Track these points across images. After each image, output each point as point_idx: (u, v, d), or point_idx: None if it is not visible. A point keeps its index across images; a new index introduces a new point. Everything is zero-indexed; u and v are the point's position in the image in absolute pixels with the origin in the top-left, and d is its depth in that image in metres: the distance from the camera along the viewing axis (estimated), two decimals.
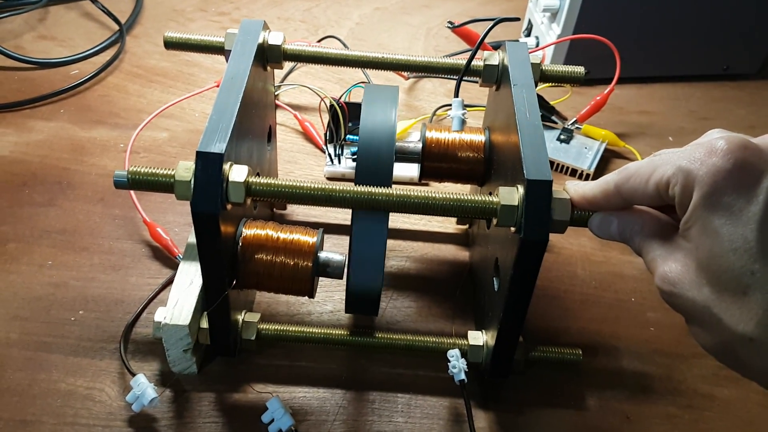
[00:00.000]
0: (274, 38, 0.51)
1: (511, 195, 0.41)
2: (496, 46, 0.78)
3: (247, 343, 0.51)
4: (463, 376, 0.49)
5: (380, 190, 0.42)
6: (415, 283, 0.59)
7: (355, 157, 0.66)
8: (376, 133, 0.46)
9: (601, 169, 0.71)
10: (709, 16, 0.78)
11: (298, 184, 0.41)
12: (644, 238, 0.39)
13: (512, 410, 0.51)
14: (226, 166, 0.41)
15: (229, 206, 0.41)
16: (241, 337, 0.50)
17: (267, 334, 0.51)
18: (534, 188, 0.40)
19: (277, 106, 0.72)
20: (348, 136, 0.66)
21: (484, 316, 0.52)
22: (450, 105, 0.61)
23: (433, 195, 0.42)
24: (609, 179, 0.40)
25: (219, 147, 0.40)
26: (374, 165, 0.45)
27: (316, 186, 0.41)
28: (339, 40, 0.80)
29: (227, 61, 0.51)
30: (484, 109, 0.75)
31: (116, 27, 0.82)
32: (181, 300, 0.49)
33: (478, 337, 0.52)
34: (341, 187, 0.42)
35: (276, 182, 0.41)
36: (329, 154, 0.66)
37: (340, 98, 0.64)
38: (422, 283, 0.59)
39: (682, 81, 0.84)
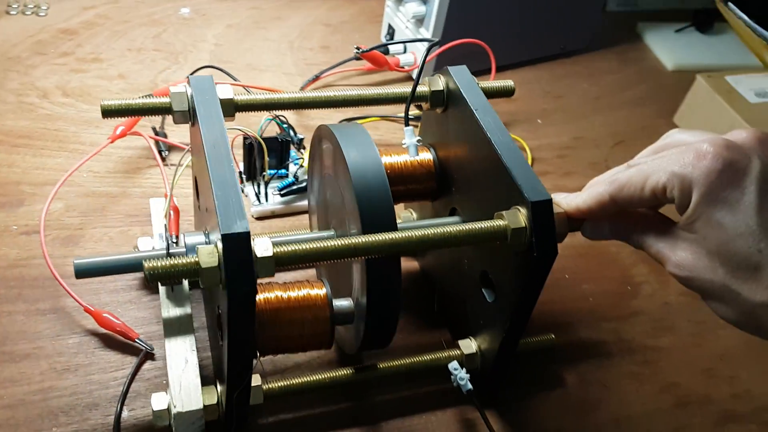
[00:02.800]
0: (224, 92, 0.48)
1: (517, 217, 0.44)
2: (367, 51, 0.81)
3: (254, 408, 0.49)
4: (470, 386, 0.51)
5: (400, 235, 0.42)
6: None
7: (283, 192, 0.65)
8: (368, 177, 0.46)
9: None
10: (546, 2, 0.86)
11: (322, 246, 0.40)
12: (642, 235, 0.44)
13: (510, 404, 0.55)
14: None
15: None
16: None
17: (273, 392, 0.49)
18: (538, 209, 0.44)
19: (178, 148, 0.67)
20: (268, 171, 0.64)
21: (472, 324, 0.55)
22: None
23: (448, 230, 0.43)
24: (602, 192, 0.44)
25: (243, 225, 0.38)
26: (377, 209, 0.45)
27: (340, 243, 0.41)
28: (221, 70, 0.76)
29: (174, 121, 0.47)
30: (377, 119, 0.77)
31: None
32: (184, 382, 0.46)
33: (470, 346, 0.54)
34: (363, 240, 0.41)
35: (300, 248, 0.40)
36: (256, 194, 0.64)
37: (261, 133, 0.62)
38: None
39: (529, 65, 0.92)
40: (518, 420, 0.55)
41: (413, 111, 0.77)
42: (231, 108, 0.48)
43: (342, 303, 0.47)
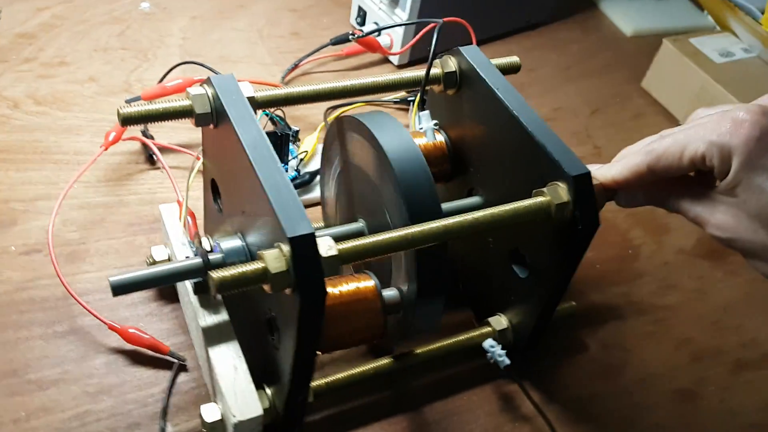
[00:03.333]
0: (247, 90, 0.46)
1: (558, 193, 0.45)
2: (339, 41, 0.80)
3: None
4: (508, 361, 0.52)
5: (454, 221, 0.42)
6: None
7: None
8: (409, 165, 0.45)
9: None
10: None
11: (382, 239, 0.40)
12: (678, 200, 0.45)
13: (542, 374, 0.57)
14: None
15: None
16: None
17: (321, 390, 0.49)
18: (580, 183, 0.44)
19: (171, 150, 0.65)
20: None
21: (499, 301, 0.55)
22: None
23: (495, 211, 0.44)
24: (638, 162, 0.45)
25: (307, 226, 0.37)
26: (423, 197, 0.45)
27: (398, 234, 0.40)
28: (201, 65, 0.73)
29: (196, 124, 0.45)
30: (362, 104, 0.76)
31: None
32: (238, 390, 0.44)
33: (501, 322, 0.55)
34: (419, 230, 0.41)
35: (361, 243, 0.40)
36: None
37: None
38: None
39: (499, 40, 0.93)
40: (552, 389, 0.56)
41: (399, 95, 0.78)
42: (253, 106, 0.47)
43: (389, 293, 0.46)
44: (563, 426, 0.53)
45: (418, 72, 0.53)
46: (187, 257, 0.49)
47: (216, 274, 0.36)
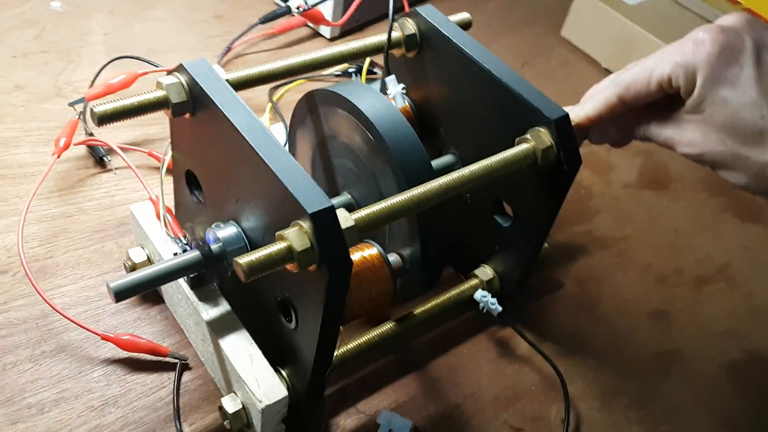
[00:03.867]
0: (222, 73, 0.45)
1: (541, 138, 0.46)
2: (268, 19, 0.78)
3: None
4: (500, 308, 0.54)
5: (454, 177, 0.43)
6: None
7: None
8: (395, 128, 0.46)
9: None
10: None
11: (392, 203, 0.40)
12: (647, 127, 0.47)
13: (529, 315, 0.59)
14: None
15: None
16: None
17: (335, 362, 0.49)
18: (561, 125, 0.46)
19: (124, 150, 0.62)
20: None
21: (482, 252, 0.57)
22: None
23: (488, 163, 0.45)
24: (608, 95, 0.47)
25: (324, 201, 0.37)
26: (414, 160, 0.46)
27: (406, 197, 0.41)
28: (136, 58, 0.69)
29: (174, 114, 0.44)
30: (302, 81, 0.76)
31: None
32: (258, 376, 0.44)
33: (486, 272, 0.57)
34: (424, 190, 0.42)
35: (374, 210, 0.40)
36: None
37: None
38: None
39: (419, 5, 0.93)
40: (541, 327, 0.58)
41: (340, 67, 0.77)
42: None
43: (392, 258, 0.47)
44: (558, 361, 0.55)
45: (379, 38, 0.53)
46: (175, 254, 0.48)
47: (243, 260, 0.35)
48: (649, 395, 0.56)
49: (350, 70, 0.76)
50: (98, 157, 0.62)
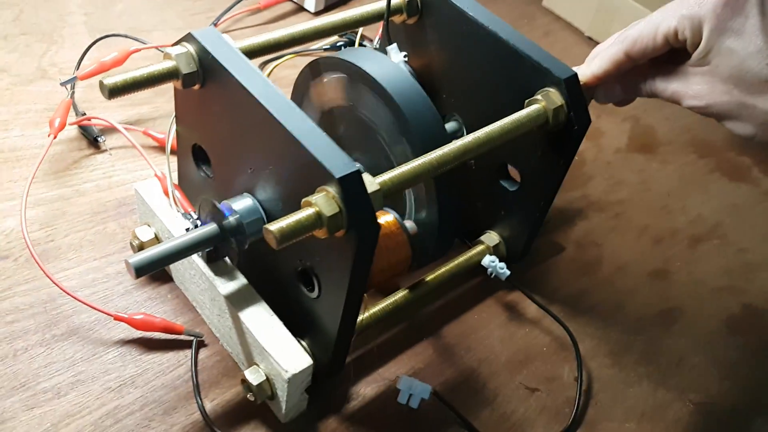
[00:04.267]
0: (232, 42, 0.44)
1: (551, 98, 0.47)
2: None
3: None
4: (508, 272, 0.55)
5: (469, 140, 0.43)
6: None
7: None
8: (408, 91, 0.46)
9: None
10: None
11: (413, 166, 0.40)
12: (652, 82, 0.48)
13: (534, 278, 0.60)
14: None
15: None
16: None
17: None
18: (570, 84, 0.47)
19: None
20: None
21: (487, 218, 0.57)
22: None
23: (502, 124, 0.45)
24: (615, 51, 0.47)
25: (351, 165, 0.37)
26: (429, 122, 0.45)
27: (426, 160, 0.41)
28: (124, 36, 0.68)
29: (184, 85, 0.43)
30: (293, 56, 0.75)
31: None
32: (283, 346, 0.44)
33: (492, 238, 0.57)
34: (442, 153, 0.42)
35: (396, 174, 0.40)
36: None
37: None
38: None
39: None
40: (547, 290, 0.59)
41: (330, 40, 0.77)
42: None
43: (408, 224, 0.47)
44: (566, 322, 0.56)
45: (378, 5, 0.53)
46: (187, 229, 0.47)
47: (273, 227, 0.35)
48: (654, 351, 0.57)
49: (339, 44, 0.76)
50: (92, 138, 0.61)
